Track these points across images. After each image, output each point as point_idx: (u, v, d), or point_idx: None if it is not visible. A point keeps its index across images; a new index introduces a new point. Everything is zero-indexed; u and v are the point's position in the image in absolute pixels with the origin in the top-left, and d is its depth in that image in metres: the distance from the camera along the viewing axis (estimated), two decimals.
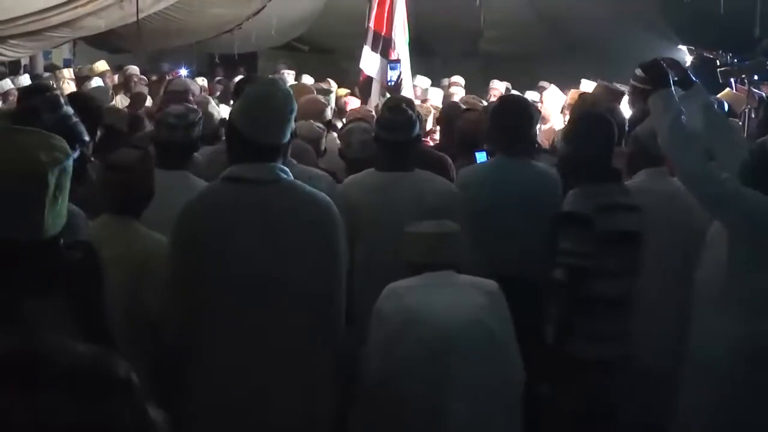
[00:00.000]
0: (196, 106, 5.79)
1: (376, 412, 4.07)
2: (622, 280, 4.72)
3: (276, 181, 3.76)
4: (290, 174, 3.84)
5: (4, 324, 2.06)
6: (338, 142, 6.51)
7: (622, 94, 8.11)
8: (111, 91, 9.35)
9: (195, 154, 5.24)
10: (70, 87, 9.65)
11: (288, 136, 3.87)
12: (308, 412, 3.77)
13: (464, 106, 7.73)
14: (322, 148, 6.29)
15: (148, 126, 6.42)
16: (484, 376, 3.99)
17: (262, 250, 3.69)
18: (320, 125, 6.49)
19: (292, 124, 3.94)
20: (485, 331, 4.00)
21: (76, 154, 3.61)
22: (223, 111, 7.59)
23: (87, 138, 3.76)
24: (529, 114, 5.71)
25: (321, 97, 7.67)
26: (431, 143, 7.85)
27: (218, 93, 12.53)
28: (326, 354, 3.81)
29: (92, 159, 3.80)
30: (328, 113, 7.33)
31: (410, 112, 5.19)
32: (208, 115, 6.39)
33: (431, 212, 4.60)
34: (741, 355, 4.49)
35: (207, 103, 7.23)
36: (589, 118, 5.33)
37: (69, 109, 3.68)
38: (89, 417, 2.00)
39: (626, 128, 6.25)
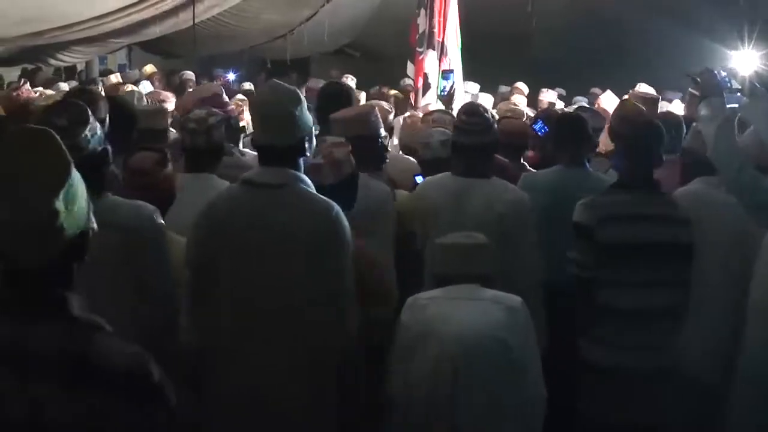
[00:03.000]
0: (220, 110, 5.81)
1: (391, 421, 4.08)
2: (638, 291, 4.62)
3: (283, 185, 3.80)
4: (304, 179, 3.86)
5: (54, 317, 2.11)
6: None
7: (656, 100, 8.09)
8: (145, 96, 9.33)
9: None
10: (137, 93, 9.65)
11: (296, 137, 3.87)
12: (311, 417, 3.82)
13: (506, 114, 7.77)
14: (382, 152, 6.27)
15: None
16: (497, 393, 3.94)
17: (268, 253, 3.76)
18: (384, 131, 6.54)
19: (304, 125, 3.92)
20: (501, 347, 3.93)
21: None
22: None
23: (107, 148, 3.78)
24: (587, 128, 5.73)
25: (385, 104, 7.67)
26: None
27: None
28: (332, 357, 3.83)
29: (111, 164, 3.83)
30: (391, 119, 7.34)
31: (486, 115, 5.17)
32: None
33: (498, 220, 4.68)
34: None
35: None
36: (632, 126, 5.29)
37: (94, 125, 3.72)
38: (129, 418, 2.07)
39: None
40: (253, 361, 3.77)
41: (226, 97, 6.92)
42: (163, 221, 3.90)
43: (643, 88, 8.73)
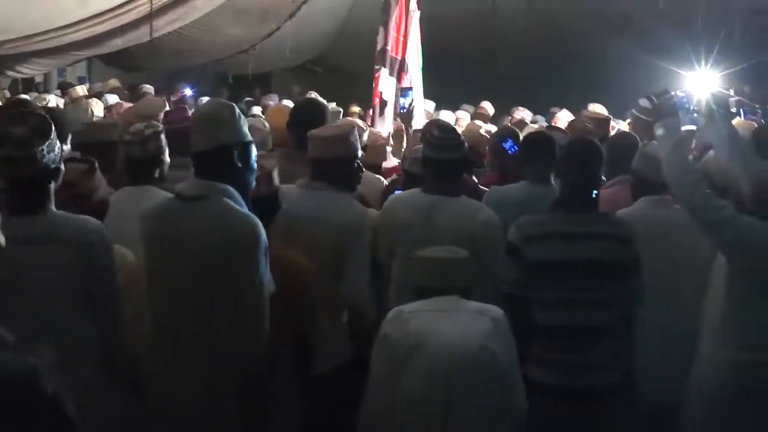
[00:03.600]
0: (158, 123, 5.83)
1: None
2: (572, 310, 4.61)
3: (203, 197, 3.82)
4: (231, 191, 3.84)
5: None
6: None
7: (606, 120, 8.15)
8: (90, 110, 9.29)
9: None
10: (95, 105, 9.63)
11: (238, 137, 3.89)
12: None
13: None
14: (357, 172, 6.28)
15: None
16: (488, 403, 3.97)
17: (192, 259, 3.78)
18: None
19: (233, 132, 3.92)
20: (490, 357, 3.96)
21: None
22: None
23: (60, 167, 3.76)
24: (554, 147, 5.74)
25: (360, 122, 7.70)
26: None
27: None
28: (243, 356, 3.82)
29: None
30: (365, 137, 7.31)
31: (458, 132, 5.25)
32: None
33: (470, 240, 4.67)
34: (740, 386, 4.51)
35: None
36: (574, 149, 5.28)
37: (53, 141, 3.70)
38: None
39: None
40: (168, 369, 3.86)
41: (188, 112, 6.94)
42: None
43: (596, 108, 8.78)
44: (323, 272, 4.45)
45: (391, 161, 7.49)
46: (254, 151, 4.00)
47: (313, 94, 11.91)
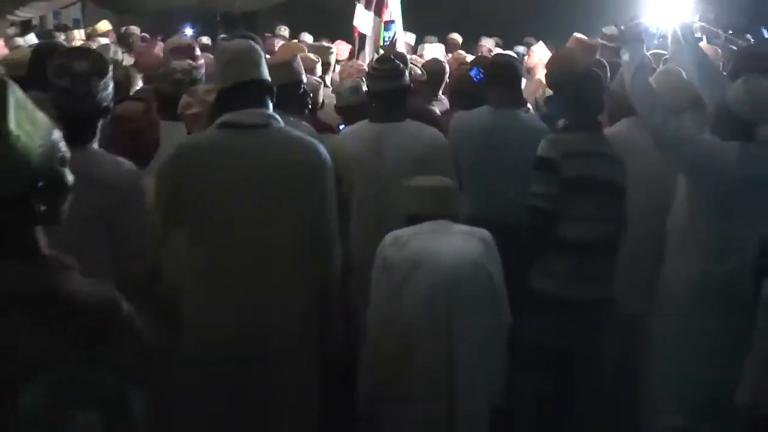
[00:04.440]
0: (199, 63, 5.82)
1: (383, 354, 4.14)
2: (589, 225, 4.73)
3: (267, 125, 3.79)
4: (281, 120, 3.87)
5: (25, 258, 2.12)
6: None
7: (595, 47, 8.17)
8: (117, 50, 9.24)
9: None
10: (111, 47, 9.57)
11: (266, 75, 3.88)
12: (303, 347, 3.85)
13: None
14: (320, 100, 6.31)
15: (140, 81, 6.40)
16: (484, 316, 4.09)
17: (255, 187, 3.73)
18: (317, 78, 6.55)
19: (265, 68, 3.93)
20: (485, 273, 4.11)
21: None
22: None
23: (109, 106, 3.72)
24: (518, 71, 5.80)
25: (312, 55, 7.70)
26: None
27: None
28: (317, 277, 3.87)
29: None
30: (319, 69, 7.35)
31: (397, 62, 5.23)
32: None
33: (418, 162, 4.71)
34: (694, 289, 4.60)
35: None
36: (575, 74, 5.34)
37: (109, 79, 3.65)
38: (101, 352, 2.09)
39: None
40: (239, 293, 3.75)
41: (198, 51, 6.95)
42: (142, 177, 3.78)
43: (579, 35, 8.78)
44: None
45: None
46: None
47: (284, 29, 12.04)
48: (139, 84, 6.30)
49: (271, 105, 3.86)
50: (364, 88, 5.63)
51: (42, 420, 2.01)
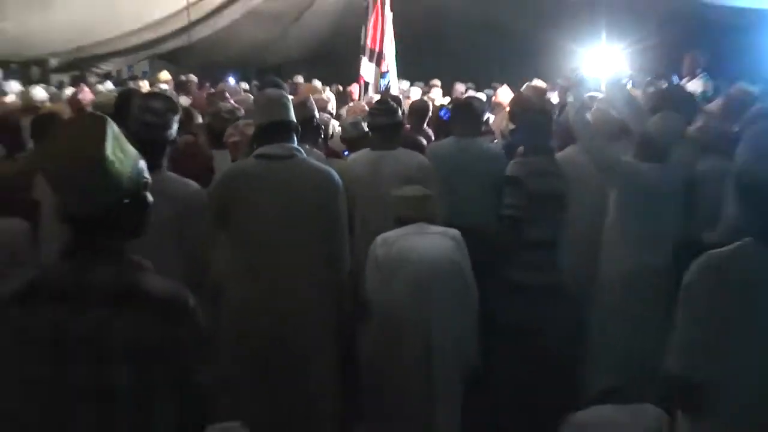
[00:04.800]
0: (238, 105, 5.87)
1: (378, 334, 4.16)
2: (545, 228, 4.76)
3: (292, 156, 3.84)
4: (303, 152, 3.91)
5: (112, 260, 2.12)
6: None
7: (544, 90, 8.21)
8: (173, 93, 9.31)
9: None
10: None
11: (293, 116, 3.92)
12: (320, 331, 3.88)
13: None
14: (330, 131, 6.34)
15: (199, 118, 6.45)
16: (455, 299, 4.11)
17: (281, 205, 3.78)
18: (327, 114, 6.60)
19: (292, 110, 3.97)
20: (455, 265, 4.12)
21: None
22: None
23: (176, 138, 3.78)
24: (476, 110, 5.77)
25: (325, 95, 7.78)
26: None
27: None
28: (333, 281, 3.89)
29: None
30: (330, 107, 7.39)
31: (392, 103, 5.24)
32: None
33: (409, 181, 4.66)
34: (621, 276, 4.66)
35: (249, 101, 7.31)
36: (531, 111, 5.41)
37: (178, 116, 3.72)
38: (168, 333, 2.08)
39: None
40: (270, 283, 3.80)
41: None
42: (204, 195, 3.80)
43: (536, 82, 8.83)
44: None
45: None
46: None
47: (299, 77, 12.14)
48: (199, 120, 6.33)
49: (296, 140, 3.92)
50: (363, 123, 5.68)
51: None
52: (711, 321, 2.56)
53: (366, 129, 5.60)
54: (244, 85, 12.34)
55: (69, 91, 9.36)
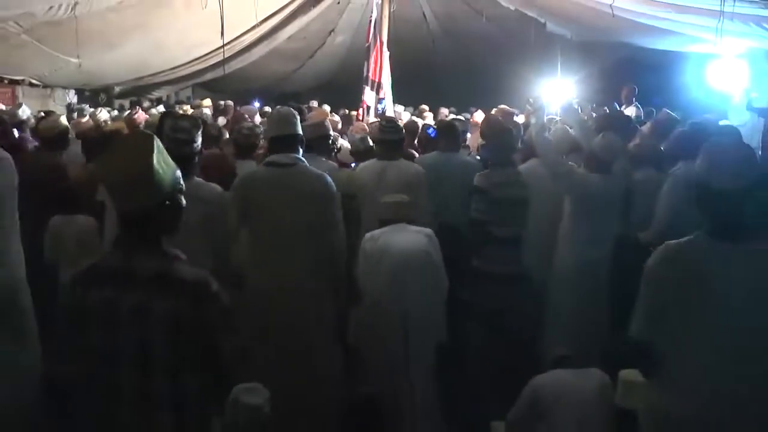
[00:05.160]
0: (258, 124, 5.85)
1: (364, 313, 4.11)
2: (511, 228, 4.67)
3: (295, 164, 3.78)
4: (305, 161, 3.84)
5: (154, 252, 2.13)
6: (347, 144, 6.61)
7: (511, 113, 8.14)
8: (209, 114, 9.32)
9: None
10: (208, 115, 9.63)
11: (299, 130, 3.85)
12: (318, 310, 3.81)
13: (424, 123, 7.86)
14: (338, 146, 6.26)
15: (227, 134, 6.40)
16: (426, 285, 4.04)
17: (285, 206, 3.72)
18: (335, 133, 6.53)
19: (299, 126, 3.89)
20: (427, 256, 4.05)
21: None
22: None
23: (202, 149, 3.73)
24: (456, 129, 5.73)
25: (336, 117, 7.76)
26: None
27: None
28: (328, 272, 3.81)
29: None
30: (339, 126, 7.35)
31: (397, 123, 5.23)
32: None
33: (408, 187, 4.67)
34: (573, 266, 4.62)
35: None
36: (497, 130, 5.32)
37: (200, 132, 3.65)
38: (196, 311, 2.08)
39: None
40: (278, 268, 3.75)
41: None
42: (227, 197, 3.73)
43: (504, 107, 8.79)
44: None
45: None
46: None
47: (315, 102, 12.07)
48: (226, 136, 6.28)
49: (301, 150, 3.86)
50: (369, 140, 5.61)
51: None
52: (666, 297, 2.51)
53: (371, 144, 5.52)
54: (267, 108, 12.29)
55: (123, 114, 9.43)
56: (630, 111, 9.00)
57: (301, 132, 3.89)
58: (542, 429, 3.26)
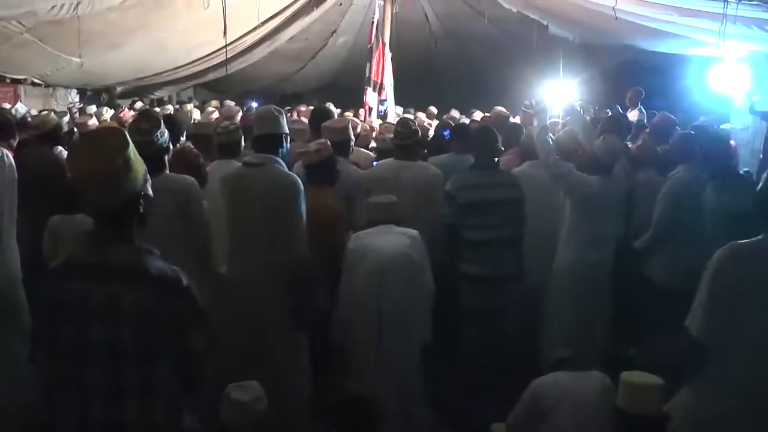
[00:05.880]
0: (238, 122, 5.87)
1: (343, 312, 4.09)
2: (486, 230, 4.61)
3: (264, 164, 3.88)
4: (279, 161, 3.92)
5: (125, 245, 2.16)
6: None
7: (506, 115, 8.12)
8: (191, 115, 9.41)
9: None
10: (194, 113, 9.61)
11: (280, 129, 3.94)
12: (279, 306, 3.86)
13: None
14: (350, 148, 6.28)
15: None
16: (406, 287, 3.98)
17: (255, 199, 3.84)
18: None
19: (282, 126, 3.97)
20: (408, 258, 3.99)
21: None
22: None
23: (169, 146, 3.78)
24: (469, 132, 5.68)
25: (356, 119, 7.80)
26: None
27: None
28: (285, 270, 3.84)
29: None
30: (355, 129, 7.31)
31: (414, 127, 5.20)
32: None
33: (426, 187, 4.71)
34: (573, 267, 4.62)
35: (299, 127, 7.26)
36: (479, 132, 5.22)
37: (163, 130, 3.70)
38: (167, 305, 2.12)
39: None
40: (244, 266, 3.90)
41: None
42: (198, 186, 3.84)
43: (500, 108, 8.78)
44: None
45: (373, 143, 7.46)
46: (287, 138, 4.04)
47: (330, 104, 11.97)
48: None
49: (280, 150, 3.96)
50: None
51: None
52: (728, 297, 2.48)
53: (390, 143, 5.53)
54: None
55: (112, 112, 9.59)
56: (634, 114, 9.00)
57: (283, 131, 3.99)
58: (542, 431, 3.25)
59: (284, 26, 11.79)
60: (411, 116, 10.99)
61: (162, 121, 3.71)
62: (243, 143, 5.06)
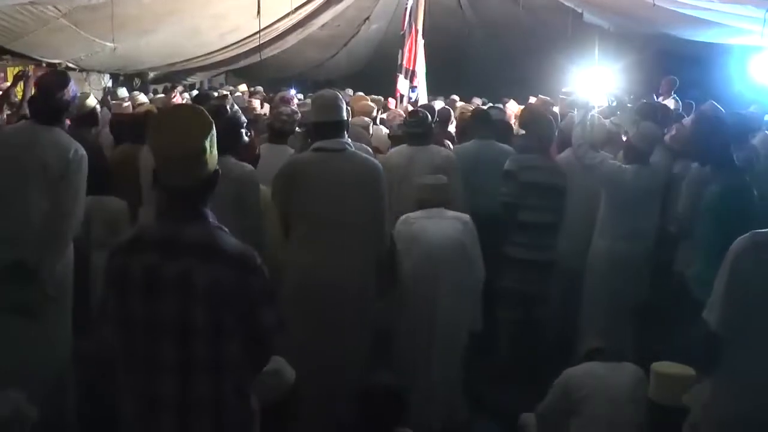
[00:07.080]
0: (297, 109, 5.82)
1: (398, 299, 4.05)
2: (541, 213, 4.66)
3: (344, 150, 3.72)
4: (353, 146, 3.82)
5: (198, 221, 2.13)
6: (383, 129, 6.66)
7: (551, 103, 8.05)
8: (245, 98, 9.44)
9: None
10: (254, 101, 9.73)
11: (344, 116, 3.79)
12: (362, 292, 3.75)
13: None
14: (370, 132, 6.25)
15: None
16: (459, 275, 3.98)
17: (335, 191, 3.65)
18: (368, 118, 6.51)
19: (346, 111, 3.85)
20: (460, 245, 3.99)
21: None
22: None
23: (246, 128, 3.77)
24: (491, 120, 5.72)
25: (370, 103, 7.75)
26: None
27: None
28: (375, 252, 3.74)
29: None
30: (374, 112, 7.33)
31: (421, 114, 5.17)
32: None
33: (437, 170, 4.61)
34: (607, 259, 4.59)
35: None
36: (537, 118, 5.26)
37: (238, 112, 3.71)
38: (240, 281, 2.07)
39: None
40: (327, 251, 3.67)
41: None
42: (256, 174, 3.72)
43: (540, 97, 8.70)
44: None
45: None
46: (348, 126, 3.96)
47: (349, 90, 12.06)
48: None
49: (346, 135, 3.81)
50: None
51: None
52: (747, 288, 2.39)
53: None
54: (301, 96, 12.30)
55: (159, 96, 9.69)
56: (668, 104, 8.85)
57: (345, 117, 3.85)
58: (573, 422, 3.21)
59: (317, 12, 11.79)
60: (441, 103, 11.01)
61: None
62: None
